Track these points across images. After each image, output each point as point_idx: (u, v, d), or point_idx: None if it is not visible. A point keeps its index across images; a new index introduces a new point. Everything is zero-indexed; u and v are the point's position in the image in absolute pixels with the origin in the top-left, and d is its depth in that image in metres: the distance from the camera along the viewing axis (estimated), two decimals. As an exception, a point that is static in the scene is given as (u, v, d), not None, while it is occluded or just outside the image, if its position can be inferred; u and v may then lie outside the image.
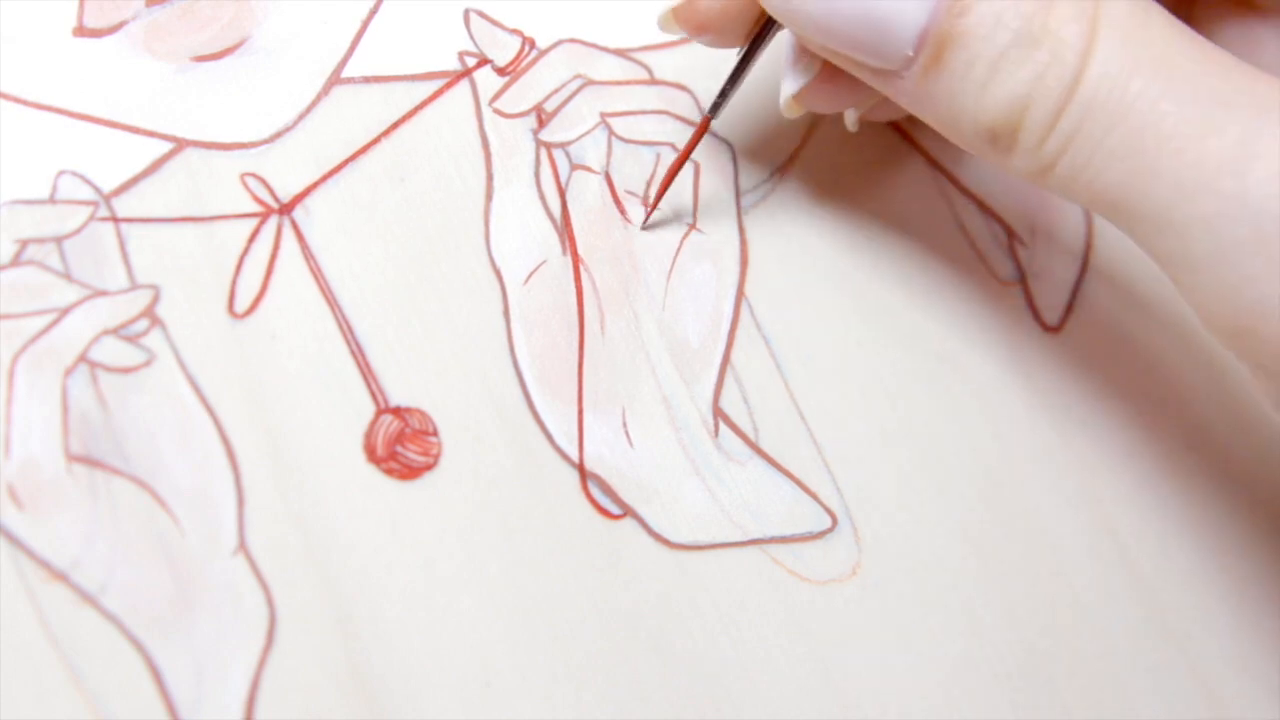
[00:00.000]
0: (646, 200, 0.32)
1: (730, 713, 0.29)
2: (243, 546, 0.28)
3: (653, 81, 0.33)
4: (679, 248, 0.32)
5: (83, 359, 0.29)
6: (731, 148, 0.33)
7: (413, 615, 0.28)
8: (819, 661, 0.29)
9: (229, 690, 0.27)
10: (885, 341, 0.32)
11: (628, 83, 0.33)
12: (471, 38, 0.33)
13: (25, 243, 0.29)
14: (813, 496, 0.30)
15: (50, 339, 0.28)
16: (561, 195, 0.32)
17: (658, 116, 0.33)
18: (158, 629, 0.27)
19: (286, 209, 0.31)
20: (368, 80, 0.32)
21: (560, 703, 0.28)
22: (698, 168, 0.32)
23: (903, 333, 0.32)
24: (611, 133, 0.32)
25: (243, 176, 0.31)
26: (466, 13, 0.33)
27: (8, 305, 0.29)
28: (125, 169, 0.30)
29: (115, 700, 0.27)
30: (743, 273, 0.32)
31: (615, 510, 0.30)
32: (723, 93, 0.30)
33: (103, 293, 0.29)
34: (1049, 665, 0.30)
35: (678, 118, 0.33)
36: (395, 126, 0.32)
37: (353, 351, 0.30)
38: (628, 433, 0.30)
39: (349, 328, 0.30)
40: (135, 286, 0.29)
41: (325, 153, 0.31)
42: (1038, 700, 0.30)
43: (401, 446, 0.29)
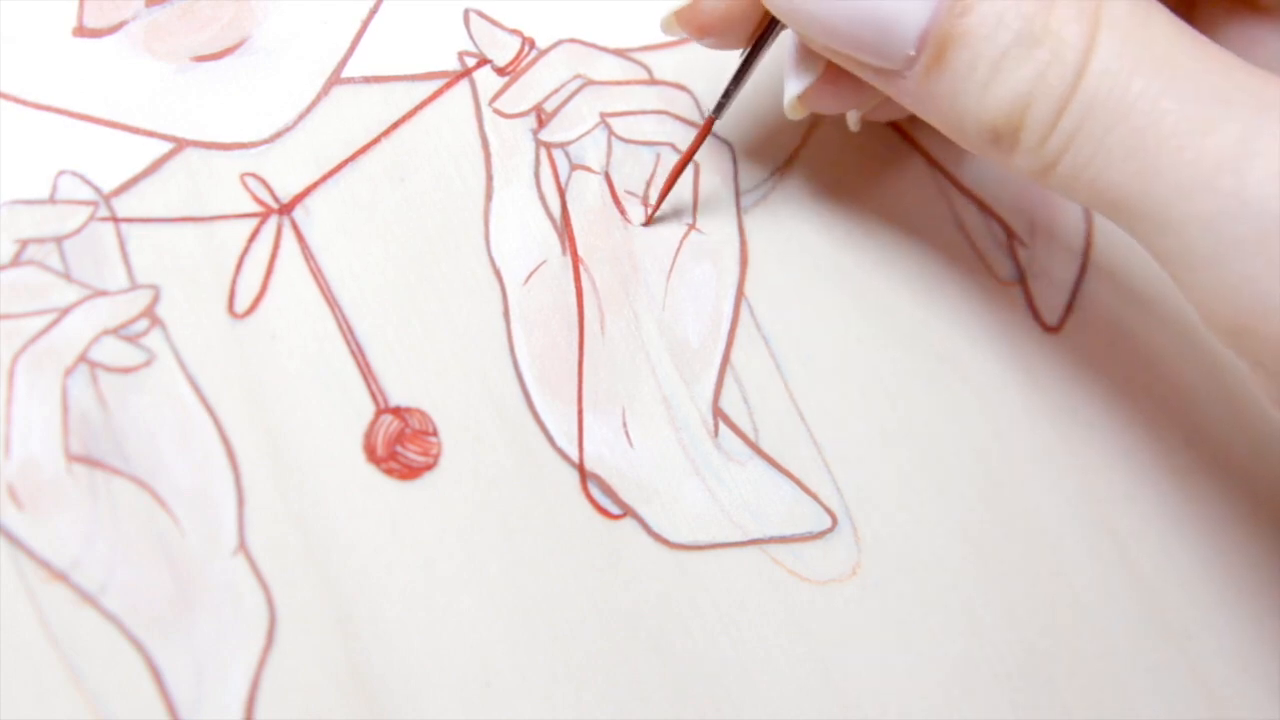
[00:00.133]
0: (647, 200, 0.32)
1: (730, 713, 0.29)
2: (243, 546, 0.28)
3: (653, 81, 0.33)
4: (679, 248, 0.32)
5: (83, 359, 0.29)
6: (731, 148, 0.33)
7: (413, 615, 0.28)
8: (819, 661, 0.29)
9: (229, 690, 0.27)
10: (885, 341, 0.32)
11: (628, 83, 0.33)
12: (471, 38, 0.33)
13: (25, 243, 0.29)
14: (813, 496, 0.30)
15: (50, 339, 0.28)
16: (561, 195, 0.32)
17: (658, 116, 0.33)
18: (158, 629, 0.27)
19: (286, 209, 0.31)
20: (368, 80, 0.32)
21: (560, 703, 0.28)
22: (698, 168, 0.32)
23: (903, 332, 0.32)
24: (611, 133, 0.32)
25: (243, 176, 0.31)
26: (466, 13, 0.33)
27: (8, 305, 0.29)
28: (125, 169, 0.30)
29: (115, 700, 0.27)
30: (743, 273, 0.32)
31: (615, 510, 0.30)
32: (726, 94, 0.30)
33: (103, 293, 0.29)
34: (1049, 665, 0.30)
35: (678, 118, 0.33)
36: (395, 126, 0.32)
37: (353, 351, 0.30)
38: (628, 433, 0.30)
39: (349, 328, 0.30)
40: (135, 286, 0.29)
41: (325, 153, 0.31)
42: (1038, 700, 0.29)
43: (401, 446, 0.29)
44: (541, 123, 0.32)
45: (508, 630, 0.28)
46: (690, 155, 0.31)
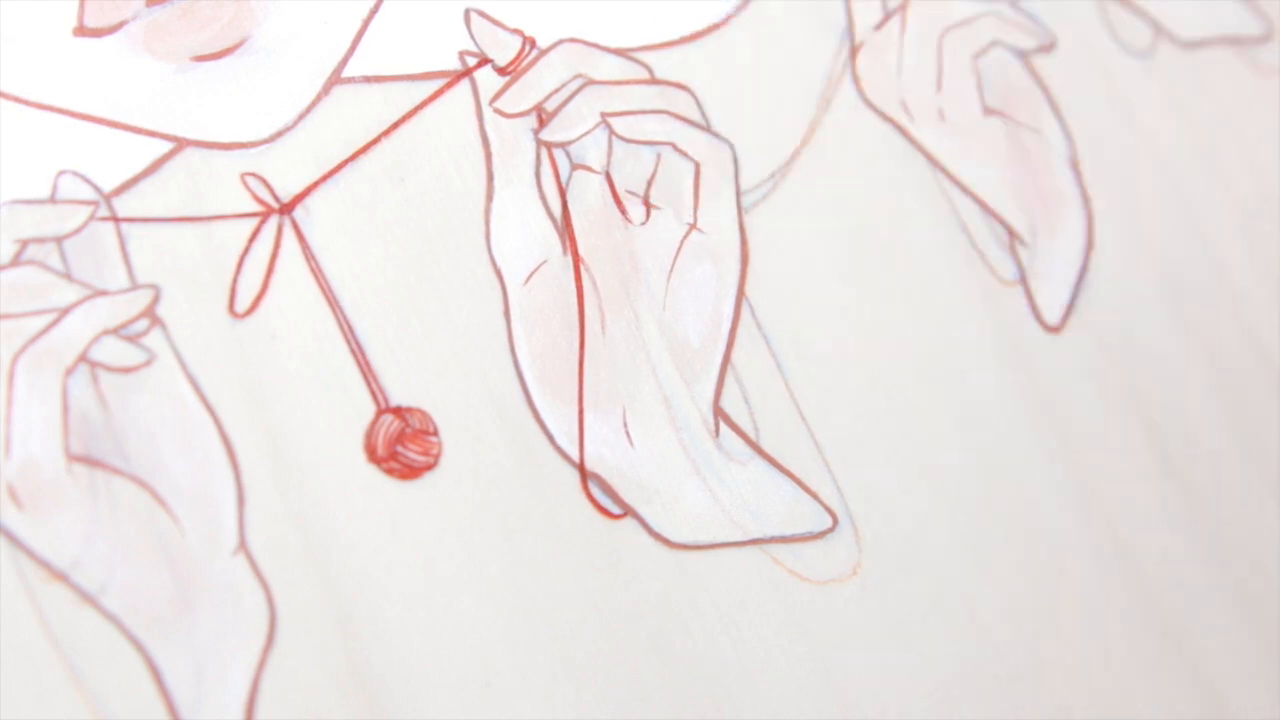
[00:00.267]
0: (647, 200, 0.32)
1: (730, 713, 0.29)
2: (243, 546, 0.28)
3: (653, 81, 0.33)
4: (679, 248, 0.32)
5: (83, 359, 0.29)
6: (732, 148, 0.33)
7: (413, 615, 0.28)
8: (819, 661, 0.29)
9: (229, 690, 0.27)
10: (885, 341, 0.32)
11: (628, 82, 0.33)
12: (472, 37, 0.33)
13: (25, 243, 0.29)
14: (813, 496, 0.30)
15: (50, 339, 0.28)
16: (562, 195, 0.32)
17: (658, 116, 0.33)
18: (158, 629, 0.27)
19: (287, 209, 0.31)
20: (368, 80, 0.32)
21: (560, 703, 0.28)
22: (698, 167, 0.32)
23: (903, 332, 0.32)
24: (612, 132, 0.32)
25: (243, 176, 0.31)
26: (467, 12, 0.33)
27: (8, 305, 0.29)
28: (125, 169, 0.30)
29: (115, 700, 0.27)
30: (743, 273, 0.32)
31: (615, 510, 0.30)
32: None
33: (103, 293, 0.29)
34: (1049, 665, 0.30)
35: (678, 117, 0.33)
36: (395, 126, 0.32)
37: (353, 351, 0.30)
38: (628, 432, 0.30)
39: (349, 328, 0.30)
40: (135, 286, 0.29)
41: (325, 153, 0.31)
42: (1038, 700, 0.29)
43: (402, 446, 0.29)
44: (542, 122, 0.32)
45: (508, 630, 0.28)
46: None
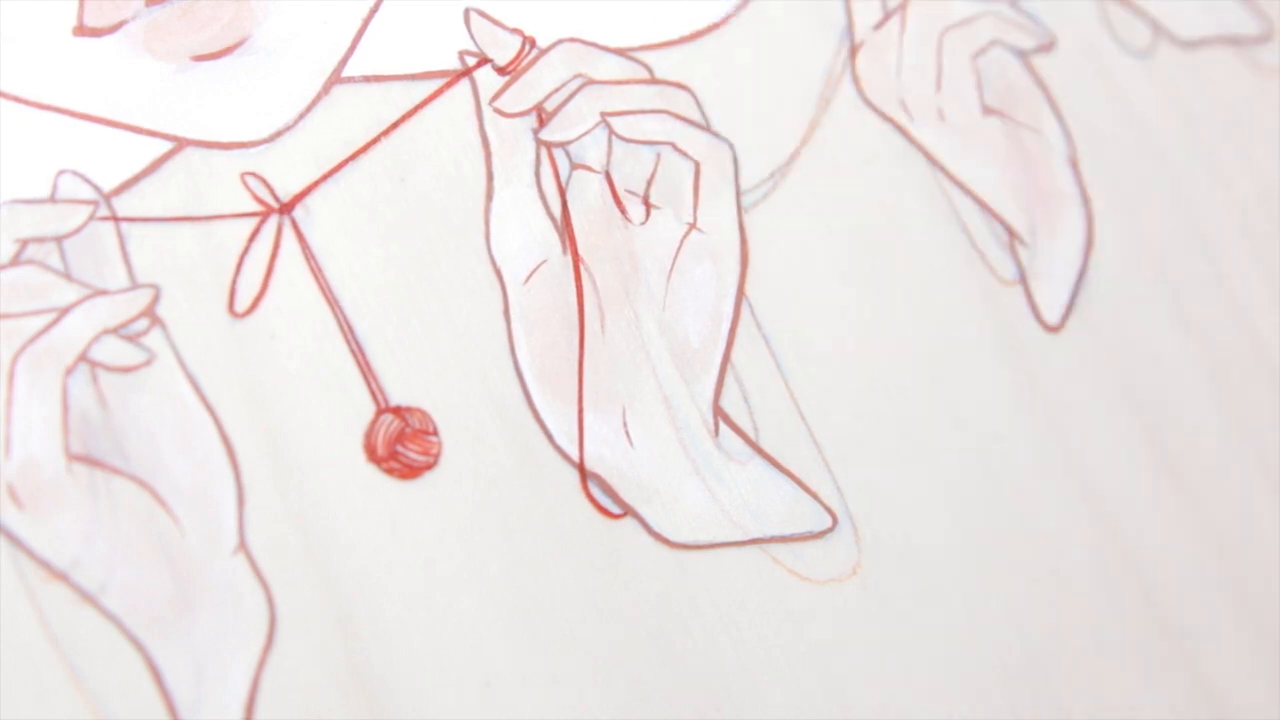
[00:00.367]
0: (647, 199, 0.32)
1: (730, 713, 0.29)
2: (243, 546, 0.28)
3: (653, 81, 0.33)
4: (679, 247, 0.32)
5: (83, 358, 0.29)
6: (731, 147, 0.33)
7: (413, 615, 0.28)
8: (819, 661, 0.29)
9: (229, 690, 0.27)
10: (885, 340, 0.32)
11: (628, 82, 0.33)
12: (472, 37, 0.33)
13: (25, 242, 0.29)
14: (813, 496, 0.30)
15: (50, 338, 0.28)
16: (562, 195, 0.32)
17: (658, 116, 0.33)
18: (158, 629, 0.27)
19: (286, 208, 0.31)
20: (368, 80, 0.32)
21: (560, 703, 0.28)
22: (698, 167, 0.32)
23: (903, 332, 0.32)
24: (612, 132, 0.32)
25: (243, 176, 0.31)
26: (466, 12, 0.33)
27: (8, 305, 0.29)
28: (125, 168, 0.30)
29: (115, 700, 0.27)
30: (743, 273, 0.32)
31: (615, 510, 0.30)
32: None
33: (103, 292, 0.29)
34: (1049, 665, 0.30)
35: (678, 117, 0.33)
36: (395, 126, 0.31)
37: (353, 351, 0.30)
38: (628, 432, 0.30)
39: (349, 327, 0.30)
40: (135, 286, 0.29)
41: (325, 152, 0.31)
42: (1038, 700, 0.29)
43: (401, 446, 0.29)
44: (542, 122, 0.32)
45: (508, 630, 0.28)
46: None
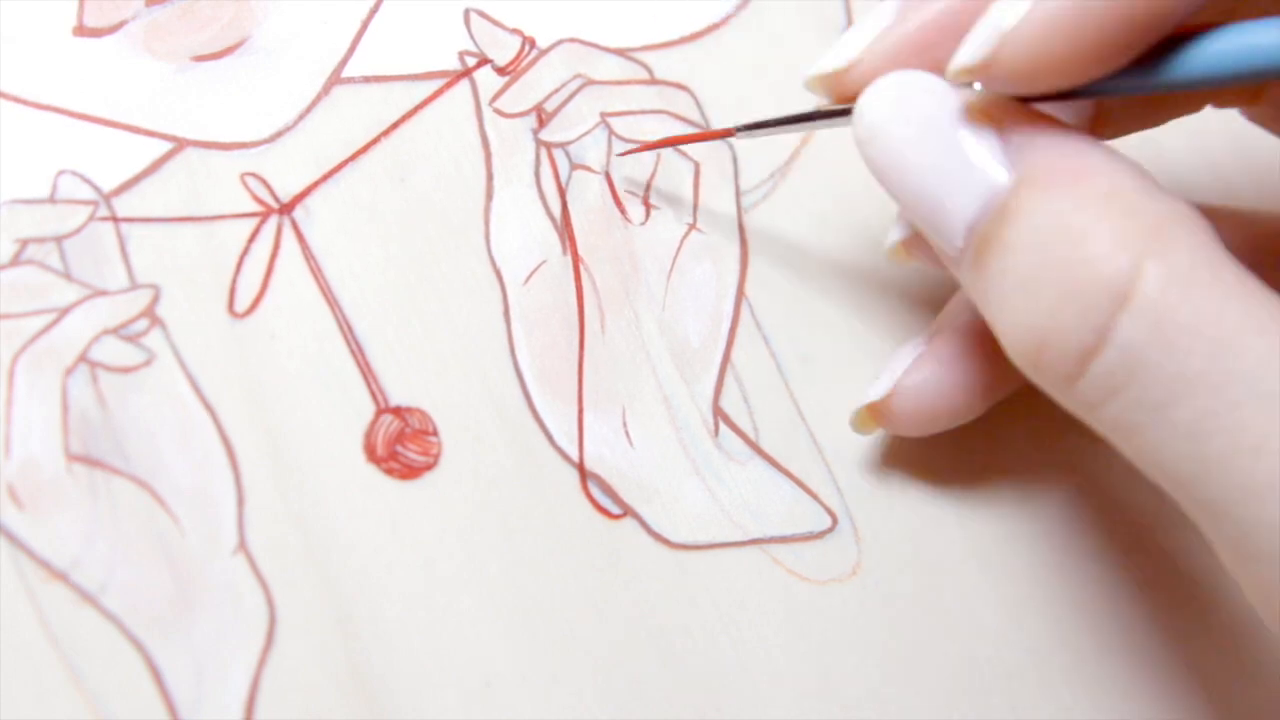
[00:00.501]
0: (647, 199, 0.32)
1: (730, 713, 0.29)
2: (243, 546, 0.28)
3: (653, 81, 0.33)
4: (679, 247, 0.32)
5: (83, 359, 0.29)
6: (732, 148, 0.33)
7: (413, 615, 0.28)
8: (819, 661, 0.29)
9: (229, 690, 0.27)
10: (886, 341, 0.32)
11: (628, 83, 0.33)
12: (471, 37, 0.33)
13: (25, 242, 0.29)
14: (813, 496, 0.30)
15: (50, 339, 0.28)
16: (562, 195, 0.32)
17: (658, 116, 0.33)
18: (158, 629, 0.27)
19: (286, 209, 0.31)
20: (368, 80, 0.32)
21: (560, 703, 0.28)
22: (698, 168, 0.32)
23: (904, 332, 0.32)
24: (612, 132, 0.32)
25: (243, 176, 0.31)
26: (466, 12, 0.33)
27: (8, 305, 0.29)
28: (125, 169, 0.30)
29: (115, 700, 0.27)
30: (743, 273, 0.32)
31: (615, 510, 0.30)
32: (762, 124, 0.29)
33: (103, 292, 0.29)
34: (1048, 665, 0.30)
35: (678, 117, 0.33)
36: (395, 126, 0.32)
37: (353, 351, 0.30)
38: (628, 432, 0.30)
39: (349, 327, 0.30)
40: (135, 286, 0.29)
41: (325, 153, 0.31)
42: (1038, 700, 0.29)
43: (401, 446, 0.29)
44: (542, 122, 0.32)
45: (508, 630, 0.28)
46: (688, 140, 0.31)
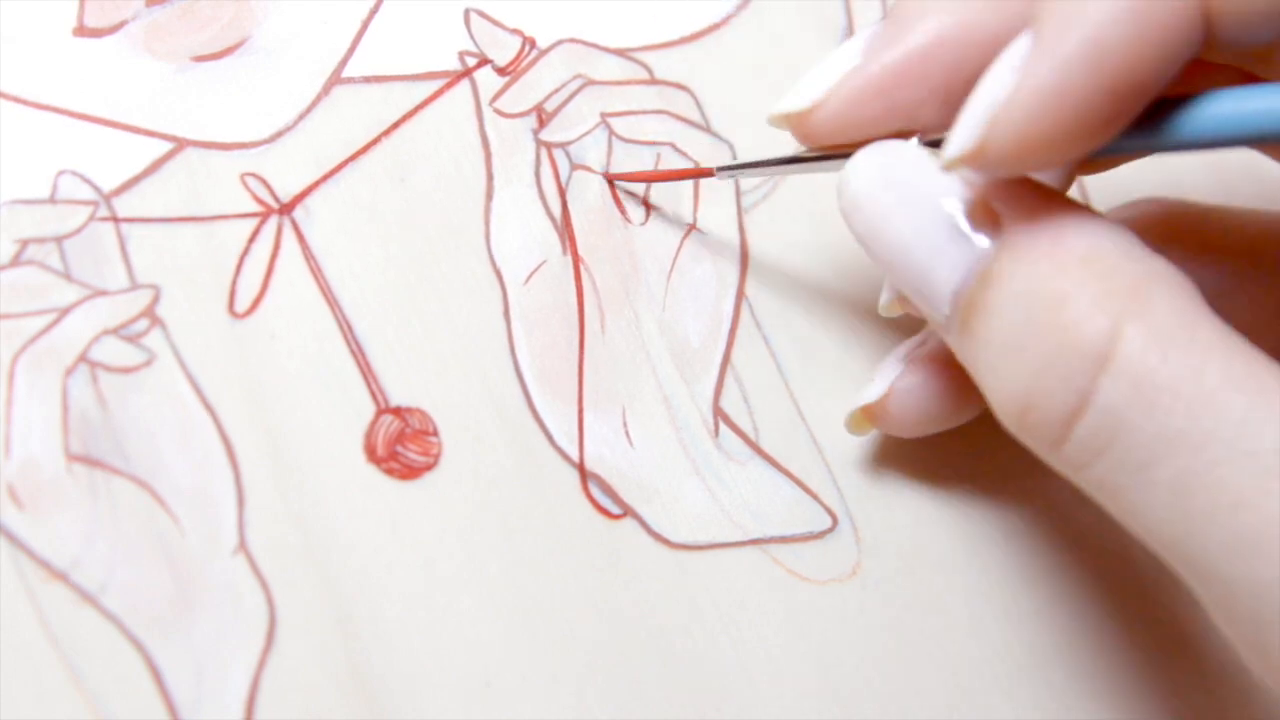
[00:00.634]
0: (647, 200, 0.32)
1: (730, 713, 0.29)
2: (243, 546, 0.28)
3: (653, 81, 0.33)
4: (679, 248, 0.32)
5: (83, 359, 0.29)
6: (731, 148, 0.33)
7: (413, 615, 0.28)
8: (819, 661, 0.29)
9: (229, 690, 0.27)
10: (885, 341, 0.32)
11: (628, 83, 0.33)
12: (472, 37, 0.33)
13: (25, 243, 0.29)
14: (813, 496, 0.30)
15: (50, 339, 0.28)
16: (562, 195, 0.32)
17: (658, 116, 0.33)
18: (158, 629, 0.27)
19: (286, 209, 0.31)
20: (368, 80, 0.32)
21: (560, 703, 0.28)
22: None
23: (903, 332, 0.32)
24: (612, 133, 0.32)
25: (243, 176, 0.31)
26: (466, 13, 0.33)
27: (8, 305, 0.29)
28: (125, 169, 0.30)
29: (115, 700, 0.27)
30: (743, 273, 0.32)
31: (615, 510, 0.30)
32: (742, 165, 0.29)
33: (103, 292, 0.29)
34: (1049, 665, 0.30)
35: (678, 117, 0.33)
36: (395, 126, 0.32)
37: (353, 351, 0.30)
38: (628, 432, 0.30)
39: (349, 328, 0.30)
40: (135, 286, 0.29)
41: (325, 153, 0.31)
42: (1038, 700, 0.29)
43: (401, 446, 0.29)
44: (542, 122, 0.32)
45: (508, 630, 0.28)
46: (671, 177, 0.31)
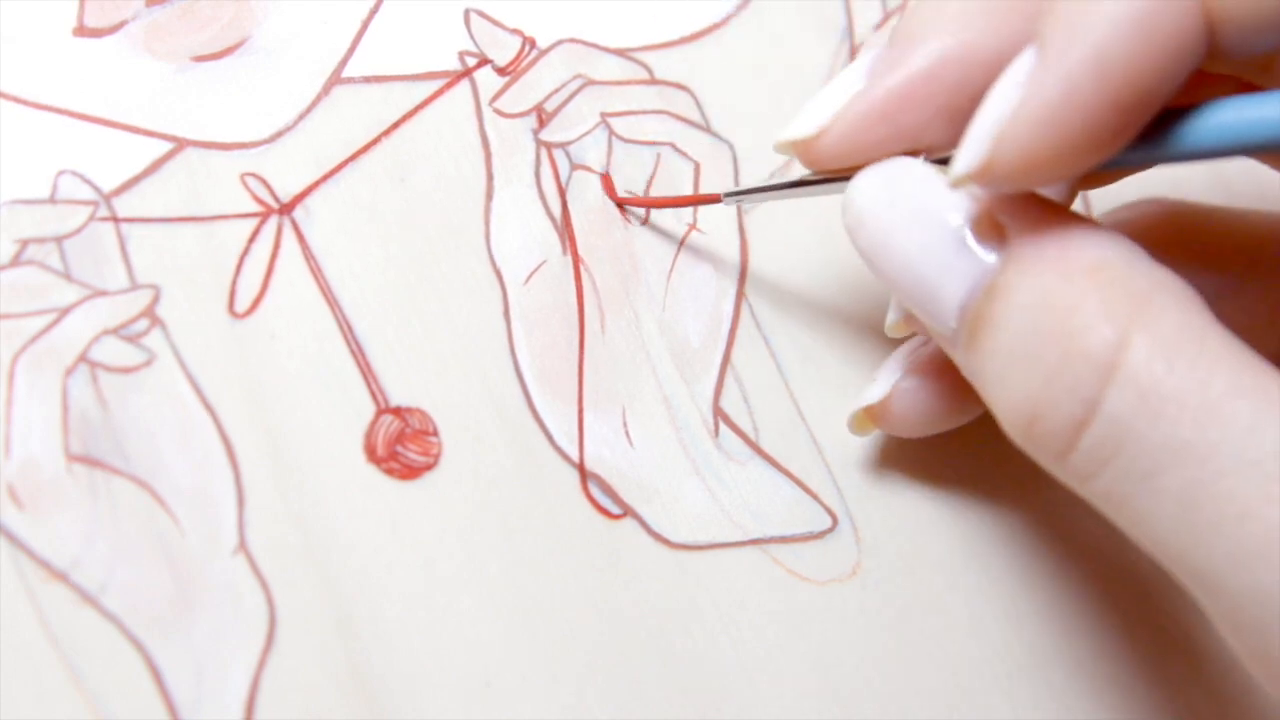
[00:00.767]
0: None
1: (730, 713, 0.29)
2: (243, 546, 0.28)
3: (653, 81, 0.33)
4: (679, 248, 0.32)
5: (83, 359, 0.29)
6: (731, 148, 0.33)
7: (413, 615, 0.28)
8: (819, 661, 0.29)
9: (229, 690, 0.27)
10: (886, 342, 0.32)
11: (628, 83, 0.33)
12: (472, 37, 0.33)
13: (25, 243, 0.29)
14: (813, 496, 0.30)
15: (50, 339, 0.28)
16: (562, 195, 0.32)
17: (658, 116, 0.33)
18: (158, 629, 0.27)
19: (286, 209, 0.31)
20: (368, 80, 0.32)
21: (560, 703, 0.28)
22: (698, 168, 0.32)
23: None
24: (612, 133, 0.32)
25: (243, 176, 0.31)
26: (466, 13, 0.33)
27: (8, 305, 0.29)
28: (125, 169, 0.30)
29: (115, 700, 0.27)
30: (743, 273, 0.32)
31: (615, 510, 0.30)
32: (749, 191, 0.29)
33: (103, 293, 0.29)
34: (1049, 665, 0.30)
35: (678, 117, 0.33)
36: (395, 126, 0.32)
37: (353, 351, 0.30)
38: (628, 432, 0.30)
39: (349, 328, 0.30)
40: (135, 286, 0.29)
41: (325, 153, 0.31)
42: (1038, 700, 0.29)
43: (401, 446, 0.29)
44: (542, 122, 0.32)
45: (508, 630, 0.28)
46: (678, 203, 0.31)
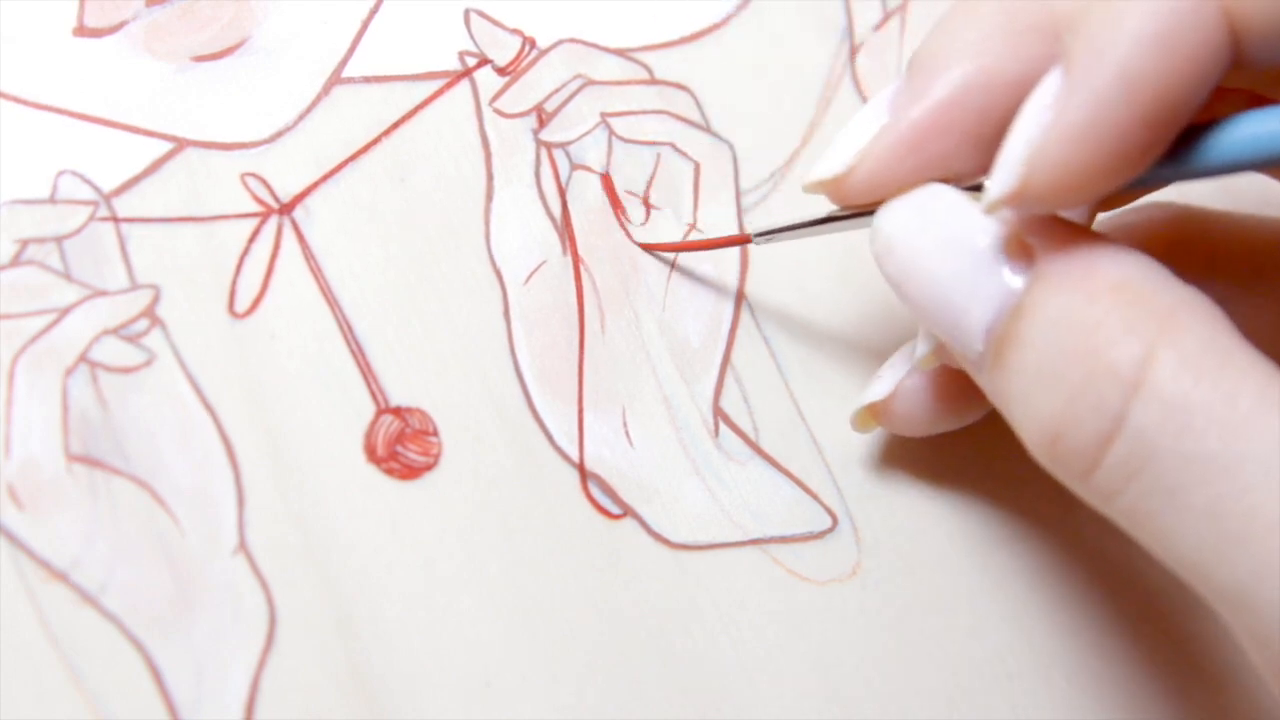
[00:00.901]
0: (647, 200, 0.32)
1: (730, 713, 0.29)
2: (243, 546, 0.28)
3: (653, 81, 0.33)
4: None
5: (83, 359, 0.29)
6: (731, 148, 0.33)
7: (413, 615, 0.28)
8: (819, 662, 0.29)
9: (229, 690, 0.27)
10: (886, 341, 0.32)
11: (628, 83, 0.33)
12: (472, 37, 0.33)
13: (25, 243, 0.29)
14: (813, 496, 0.30)
15: (50, 339, 0.28)
16: (562, 195, 0.32)
17: (658, 116, 0.33)
18: (158, 629, 0.27)
19: (286, 209, 0.31)
20: (368, 80, 0.32)
21: (560, 703, 0.28)
22: (698, 168, 0.32)
23: (904, 332, 0.32)
24: (612, 133, 0.32)
25: (243, 176, 0.31)
26: (467, 13, 0.33)
27: (8, 305, 0.29)
28: (125, 169, 0.30)
29: (115, 700, 0.27)
30: (743, 273, 0.32)
31: (615, 510, 0.30)
32: (779, 230, 0.29)
33: (103, 293, 0.29)
34: (1049, 665, 0.30)
35: (678, 117, 0.33)
36: (395, 126, 0.32)
37: (353, 351, 0.30)
38: (628, 432, 0.30)
39: (349, 328, 0.30)
40: (135, 286, 0.29)
41: (325, 153, 0.31)
42: (1038, 700, 0.29)
43: (401, 446, 0.29)
44: (542, 122, 0.32)
45: (508, 630, 0.28)
46: (707, 246, 0.31)
